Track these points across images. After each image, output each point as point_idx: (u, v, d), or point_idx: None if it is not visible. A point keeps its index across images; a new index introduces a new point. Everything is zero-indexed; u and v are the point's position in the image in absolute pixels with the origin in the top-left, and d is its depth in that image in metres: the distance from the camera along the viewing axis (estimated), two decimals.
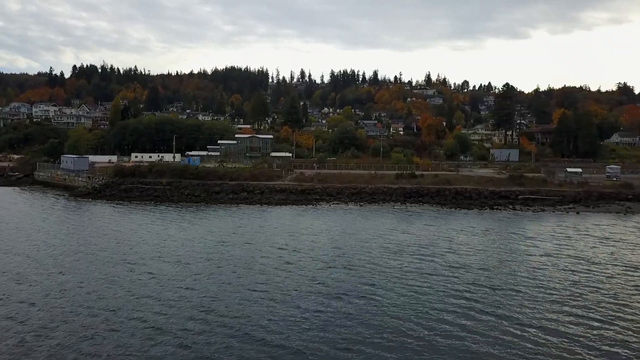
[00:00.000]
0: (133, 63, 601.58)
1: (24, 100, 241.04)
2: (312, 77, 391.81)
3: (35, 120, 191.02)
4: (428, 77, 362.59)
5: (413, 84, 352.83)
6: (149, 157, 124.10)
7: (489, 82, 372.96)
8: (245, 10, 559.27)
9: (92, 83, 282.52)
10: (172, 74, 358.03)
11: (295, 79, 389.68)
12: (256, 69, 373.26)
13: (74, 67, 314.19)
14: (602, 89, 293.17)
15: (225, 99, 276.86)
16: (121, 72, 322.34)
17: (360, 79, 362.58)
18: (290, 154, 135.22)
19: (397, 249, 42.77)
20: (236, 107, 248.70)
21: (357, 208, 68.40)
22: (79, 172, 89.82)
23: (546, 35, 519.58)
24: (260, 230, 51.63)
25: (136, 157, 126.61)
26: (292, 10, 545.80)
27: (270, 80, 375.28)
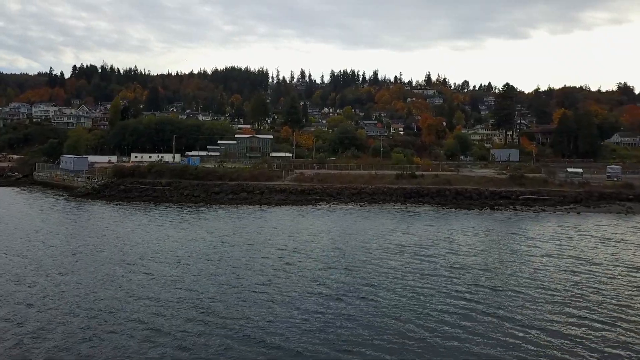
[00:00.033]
0: (133, 63, 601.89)
1: (23, 100, 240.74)
2: (312, 77, 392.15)
3: (35, 120, 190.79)
4: (428, 77, 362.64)
5: (413, 84, 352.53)
6: (149, 157, 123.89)
7: (489, 82, 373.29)
8: (245, 10, 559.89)
9: (92, 83, 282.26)
10: (172, 74, 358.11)
11: (295, 79, 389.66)
12: (256, 69, 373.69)
13: (74, 67, 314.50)
14: (603, 89, 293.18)
15: (225, 99, 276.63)
16: (121, 72, 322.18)
17: (360, 79, 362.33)
18: (290, 154, 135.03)
19: (397, 250, 42.57)
20: (236, 107, 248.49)
21: (357, 208, 68.21)
22: (78, 172, 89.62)
23: (546, 35, 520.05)
24: (260, 230, 51.43)
25: (136, 158, 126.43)
26: (292, 10, 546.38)
27: (270, 80, 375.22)
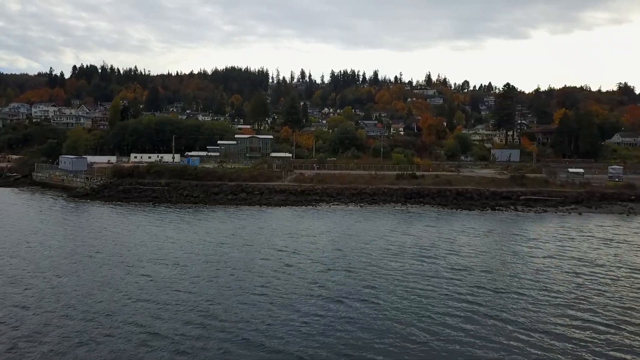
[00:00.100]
0: (133, 63, 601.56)
1: (23, 100, 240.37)
2: (312, 77, 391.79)
3: (34, 120, 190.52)
4: (428, 77, 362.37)
5: (413, 84, 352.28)
6: (149, 157, 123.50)
7: (490, 82, 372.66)
8: (245, 10, 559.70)
9: (92, 83, 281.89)
10: (172, 74, 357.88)
11: (295, 79, 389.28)
12: (256, 69, 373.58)
13: (74, 67, 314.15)
14: (603, 89, 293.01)
15: (225, 99, 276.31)
16: (121, 72, 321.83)
17: (361, 79, 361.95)
18: (290, 155, 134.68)
19: (398, 251, 42.20)
20: (236, 108, 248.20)
21: (357, 209, 67.84)
22: (77, 172, 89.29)
23: (546, 35, 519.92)
24: (260, 231, 51.06)
25: (135, 158, 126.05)
26: (292, 10, 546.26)
27: (270, 80, 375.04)
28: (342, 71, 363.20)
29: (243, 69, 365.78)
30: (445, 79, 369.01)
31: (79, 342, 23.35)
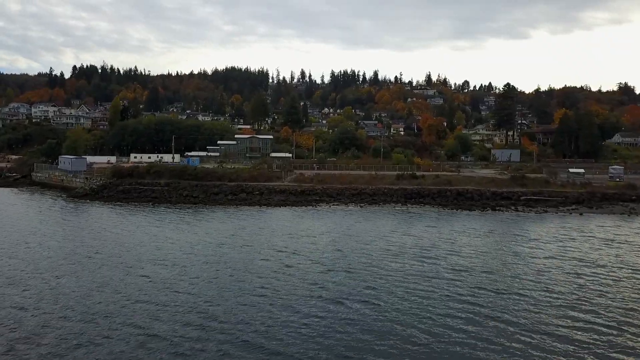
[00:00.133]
0: (133, 63, 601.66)
1: (23, 100, 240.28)
2: (312, 77, 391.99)
3: (34, 120, 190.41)
4: (428, 77, 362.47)
5: (413, 84, 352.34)
6: (148, 157, 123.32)
7: (490, 82, 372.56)
8: (245, 10, 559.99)
9: (92, 83, 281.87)
10: (172, 74, 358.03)
11: (295, 79, 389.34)
12: (256, 69, 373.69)
13: (74, 67, 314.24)
14: (603, 89, 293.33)
15: (225, 99, 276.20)
16: (121, 72, 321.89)
17: (361, 79, 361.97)
18: (290, 155, 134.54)
19: (398, 251, 42.01)
20: (236, 108, 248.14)
21: (357, 209, 67.65)
22: (77, 172, 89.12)
23: (546, 35, 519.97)
24: (259, 232, 50.87)
25: (135, 158, 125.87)
26: (292, 10, 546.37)
27: (270, 80, 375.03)
28: (342, 71, 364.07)
29: (243, 69, 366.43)
30: (445, 79, 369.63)
31: (77, 343, 23.16)
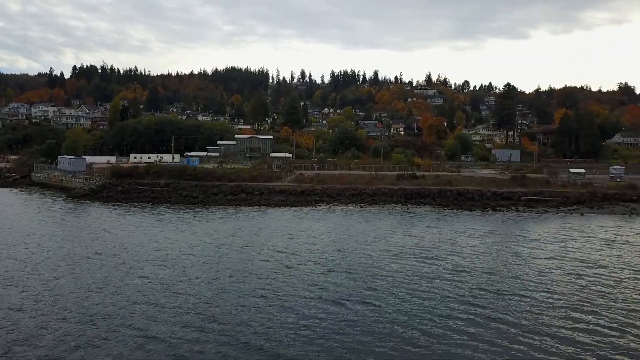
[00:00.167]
0: (133, 63, 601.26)
1: (23, 100, 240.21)
2: (312, 77, 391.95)
3: (34, 120, 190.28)
4: (428, 77, 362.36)
5: (413, 84, 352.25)
6: (148, 157, 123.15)
7: (490, 82, 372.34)
8: (245, 10, 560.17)
9: (92, 84, 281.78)
10: (172, 75, 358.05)
11: (295, 79, 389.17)
12: (256, 69, 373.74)
13: (74, 67, 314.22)
14: (603, 89, 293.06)
15: (225, 99, 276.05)
16: (121, 72, 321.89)
17: (361, 79, 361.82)
18: (290, 155, 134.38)
19: (398, 252, 41.83)
20: (236, 108, 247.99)
21: (357, 209, 67.46)
22: (76, 173, 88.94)
23: (546, 35, 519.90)
24: (259, 232, 50.69)
25: (135, 158, 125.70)
26: (292, 11, 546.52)
27: (270, 80, 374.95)
28: (342, 71, 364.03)
29: (243, 69, 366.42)
30: (445, 79, 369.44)
31: (75, 345, 22.98)
